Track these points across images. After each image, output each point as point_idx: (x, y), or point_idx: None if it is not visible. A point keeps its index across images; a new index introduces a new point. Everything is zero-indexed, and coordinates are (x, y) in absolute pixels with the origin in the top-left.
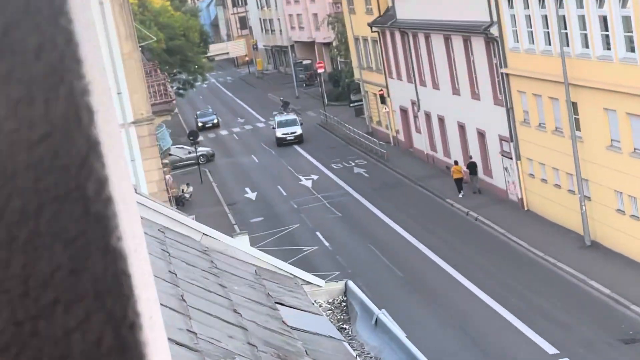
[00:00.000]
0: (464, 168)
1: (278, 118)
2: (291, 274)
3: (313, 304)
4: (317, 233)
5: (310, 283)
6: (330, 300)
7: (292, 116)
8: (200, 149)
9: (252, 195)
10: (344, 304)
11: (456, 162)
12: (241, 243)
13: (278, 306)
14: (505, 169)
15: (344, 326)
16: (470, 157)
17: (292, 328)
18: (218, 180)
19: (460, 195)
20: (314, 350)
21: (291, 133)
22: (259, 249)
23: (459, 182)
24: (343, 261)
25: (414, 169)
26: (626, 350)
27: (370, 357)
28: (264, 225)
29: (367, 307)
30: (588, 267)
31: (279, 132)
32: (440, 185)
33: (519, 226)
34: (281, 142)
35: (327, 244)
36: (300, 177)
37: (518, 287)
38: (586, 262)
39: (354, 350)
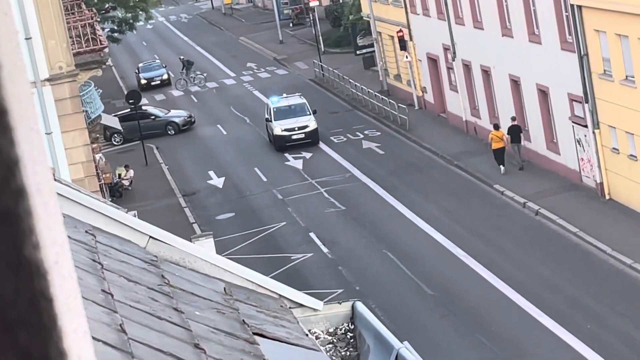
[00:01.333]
0: (506, 134)
1: (274, 102)
2: (276, 292)
3: (307, 335)
4: (312, 234)
5: (302, 306)
6: (331, 330)
7: (296, 98)
8: (174, 112)
9: (218, 181)
10: (351, 334)
11: (496, 126)
12: (204, 250)
13: (257, 339)
14: (578, 141)
15: None
16: (513, 119)
17: None
18: (170, 161)
19: (502, 172)
20: None
21: (299, 129)
22: (230, 258)
23: (499, 154)
24: (348, 274)
25: (448, 142)
26: None
27: None
28: (236, 224)
29: (384, 338)
30: None
31: (278, 128)
32: (485, 165)
33: (598, 223)
34: (282, 145)
35: (325, 249)
36: (287, 155)
37: (598, 308)
38: None
39: None
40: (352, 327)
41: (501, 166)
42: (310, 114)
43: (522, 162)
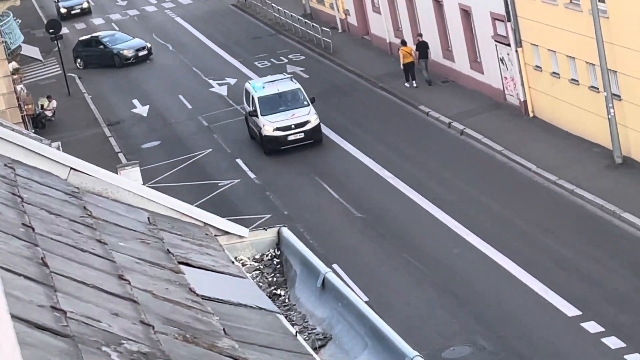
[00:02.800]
0: (414, 50)
1: (258, 88)
2: (201, 221)
3: (233, 262)
4: (238, 160)
5: (228, 233)
6: (257, 256)
7: (287, 82)
8: (134, 42)
9: (142, 110)
10: (277, 260)
11: (404, 42)
12: (127, 180)
13: (183, 268)
14: (501, 60)
15: (279, 292)
16: (420, 36)
17: (203, 298)
18: (93, 91)
19: (407, 85)
20: (236, 328)
21: (297, 126)
22: (156, 187)
23: (408, 69)
24: (276, 199)
25: (372, 64)
26: None
27: (317, 334)
28: (162, 152)
29: (311, 263)
30: (620, 195)
31: (269, 126)
32: (410, 87)
33: (523, 141)
34: (275, 148)
35: (252, 175)
36: (211, 81)
37: (525, 225)
38: (617, 187)
39: (293, 324)
40: (279, 253)
41: (413, 81)
42: (308, 104)
43: (430, 77)
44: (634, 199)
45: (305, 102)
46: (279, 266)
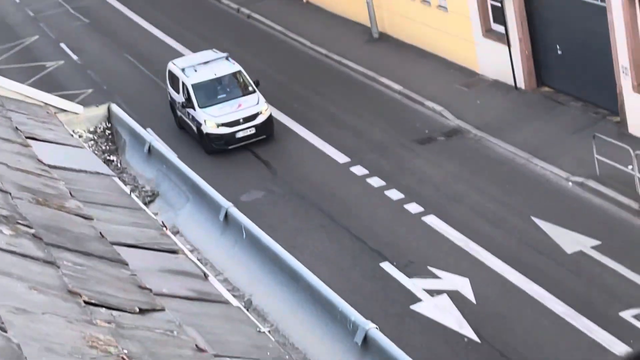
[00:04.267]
0: None
1: (188, 74)
2: (42, 101)
3: (72, 135)
4: (62, 45)
5: (65, 110)
6: (91, 129)
7: (223, 64)
8: None
9: None
10: (109, 132)
11: None
12: None
13: (30, 142)
14: None
15: (112, 158)
16: None
17: (50, 167)
18: None
19: None
20: (79, 191)
21: (246, 120)
22: None
23: None
24: (96, 76)
25: None
26: (422, 151)
27: (147, 192)
28: None
29: (137, 133)
30: (377, 63)
31: (212, 122)
32: None
33: (299, 22)
34: (222, 147)
35: (74, 57)
36: None
37: (302, 91)
38: (375, 57)
39: (126, 185)
40: (110, 125)
41: None
42: (254, 90)
43: None
44: (388, 65)
45: (251, 88)
46: (110, 136)
